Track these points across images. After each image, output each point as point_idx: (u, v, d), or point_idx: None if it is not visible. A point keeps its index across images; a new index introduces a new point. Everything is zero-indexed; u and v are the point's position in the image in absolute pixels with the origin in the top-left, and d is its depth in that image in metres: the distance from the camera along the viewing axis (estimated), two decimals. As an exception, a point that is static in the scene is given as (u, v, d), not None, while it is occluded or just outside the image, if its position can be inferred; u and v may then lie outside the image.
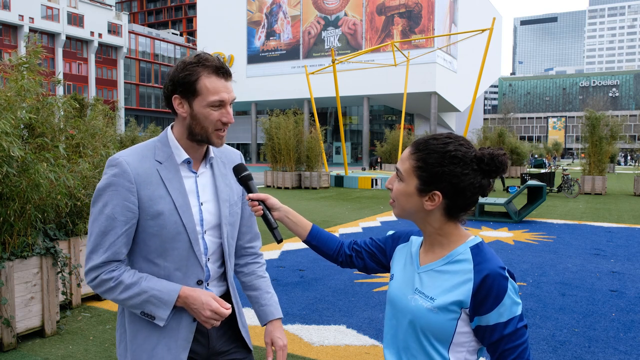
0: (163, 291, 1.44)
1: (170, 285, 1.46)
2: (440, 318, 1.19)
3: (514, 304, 1.15)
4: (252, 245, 1.79)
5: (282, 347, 1.66)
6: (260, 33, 50.79)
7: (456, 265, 1.22)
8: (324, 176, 19.74)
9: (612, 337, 4.01)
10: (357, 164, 50.51)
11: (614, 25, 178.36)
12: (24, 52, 4.33)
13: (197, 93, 1.45)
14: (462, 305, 1.17)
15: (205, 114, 1.47)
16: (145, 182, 1.46)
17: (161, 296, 1.43)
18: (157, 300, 1.43)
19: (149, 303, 1.43)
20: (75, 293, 4.62)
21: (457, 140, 1.22)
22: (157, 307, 1.44)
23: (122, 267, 1.46)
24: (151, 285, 1.44)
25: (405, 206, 1.26)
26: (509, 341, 1.15)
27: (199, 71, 1.45)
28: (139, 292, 1.43)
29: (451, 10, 45.59)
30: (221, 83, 1.47)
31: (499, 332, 1.15)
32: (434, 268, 1.25)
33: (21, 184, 3.48)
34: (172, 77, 1.48)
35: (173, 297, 1.44)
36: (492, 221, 10.62)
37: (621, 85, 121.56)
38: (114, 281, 1.43)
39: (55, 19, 52.75)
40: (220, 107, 1.47)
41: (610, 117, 17.87)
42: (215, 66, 1.46)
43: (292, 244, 7.61)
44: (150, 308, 1.44)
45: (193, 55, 1.49)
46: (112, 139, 5.95)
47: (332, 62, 21.47)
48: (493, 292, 1.15)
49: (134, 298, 1.43)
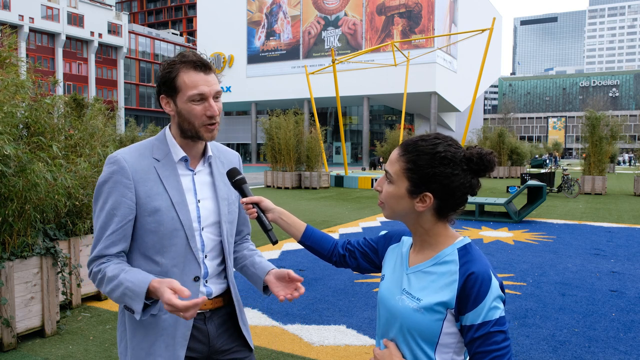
0: (135, 283, 1.40)
1: (143, 277, 1.40)
2: (426, 318, 1.19)
3: (493, 308, 1.14)
4: (242, 236, 1.82)
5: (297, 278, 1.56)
6: (260, 33, 50.78)
7: (443, 266, 1.22)
8: (324, 176, 19.74)
9: (612, 337, 4.01)
10: (357, 164, 50.51)
11: (614, 25, 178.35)
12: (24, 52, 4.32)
13: (178, 89, 1.48)
14: (448, 306, 1.17)
15: (188, 110, 1.48)
16: (142, 179, 1.49)
17: (134, 288, 1.40)
18: (131, 293, 1.40)
19: (125, 296, 1.42)
20: (75, 293, 4.61)
21: (445, 141, 1.22)
22: (132, 299, 1.40)
23: (112, 260, 1.47)
24: (128, 277, 1.42)
25: (395, 208, 1.26)
26: (481, 344, 1.14)
27: (178, 67, 1.47)
28: (117, 284, 1.42)
29: (451, 10, 45.58)
30: (200, 77, 1.47)
31: (472, 333, 1.15)
32: (422, 269, 1.25)
33: (18, 184, 3.47)
34: (157, 77, 1.53)
35: (143, 289, 1.39)
36: (492, 221, 10.62)
37: (621, 85, 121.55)
38: (101, 273, 1.46)
39: (55, 19, 52.74)
40: (202, 100, 1.48)
41: (610, 117, 17.87)
42: (192, 61, 1.48)
43: (291, 244, 7.61)
44: (127, 301, 1.42)
45: (177, 54, 1.52)
46: (111, 139, 5.95)
47: (332, 62, 21.46)
48: (474, 292, 1.15)
49: (114, 291, 1.43)
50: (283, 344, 3.85)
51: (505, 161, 28.61)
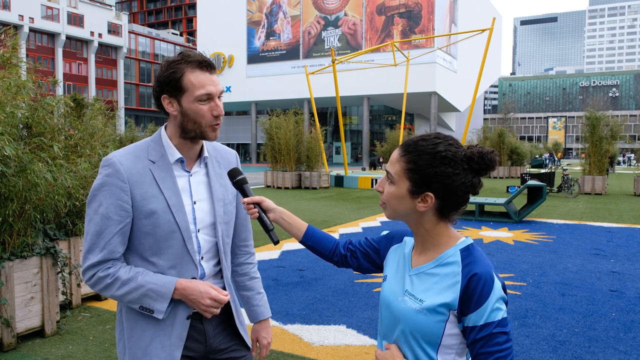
0: (159, 284, 1.46)
1: (166, 278, 1.48)
2: (429, 320, 1.19)
3: (496, 310, 1.14)
4: (246, 244, 1.82)
5: (266, 345, 1.79)
6: (260, 33, 50.79)
7: (446, 267, 1.22)
8: (324, 176, 19.74)
9: (612, 337, 4.01)
10: (357, 164, 50.51)
11: (614, 25, 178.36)
12: (24, 52, 4.32)
13: (184, 89, 1.47)
14: (450, 307, 1.17)
15: (194, 110, 1.48)
16: (138, 181, 1.48)
17: (158, 289, 1.46)
18: (154, 294, 1.45)
19: (146, 297, 1.46)
20: (75, 293, 4.61)
21: (446, 140, 1.21)
22: (155, 300, 1.46)
23: (117, 264, 1.48)
24: (148, 279, 1.46)
25: (397, 208, 1.26)
26: (483, 345, 1.14)
27: (183, 67, 1.46)
28: (136, 286, 1.45)
29: (451, 10, 45.59)
30: (206, 76, 1.48)
31: (474, 334, 1.15)
32: (425, 270, 1.25)
33: (18, 184, 3.47)
34: (158, 77, 1.50)
35: (170, 289, 1.46)
36: (492, 221, 10.62)
37: (621, 85, 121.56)
38: (110, 277, 1.45)
39: (55, 19, 52.75)
40: (209, 100, 1.48)
41: (610, 117, 17.87)
42: (198, 61, 1.47)
43: (292, 244, 7.61)
44: (148, 302, 1.46)
45: (177, 54, 1.50)
46: (111, 139, 5.95)
47: (332, 62, 21.46)
48: (476, 294, 1.15)
49: (131, 293, 1.46)
50: (283, 344, 3.85)
51: (505, 161, 28.62)
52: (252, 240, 1.85)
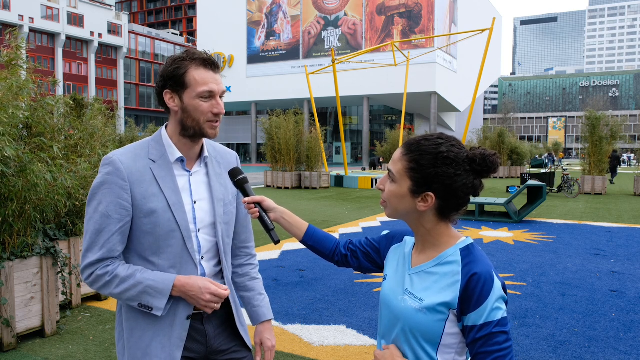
0: (158, 281, 1.46)
1: (165, 275, 1.48)
2: (429, 319, 1.19)
3: (495, 309, 1.14)
4: (247, 245, 1.81)
5: (270, 347, 1.73)
6: (260, 33, 50.79)
7: (446, 267, 1.22)
8: (324, 176, 19.74)
9: (612, 337, 4.01)
10: (357, 164, 50.51)
11: (614, 25, 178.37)
12: (24, 52, 4.31)
13: (187, 85, 1.48)
14: (450, 307, 1.18)
15: (195, 106, 1.49)
16: (138, 180, 1.48)
17: (156, 286, 1.45)
18: (153, 291, 1.45)
19: (145, 294, 1.45)
20: (75, 293, 4.62)
21: (449, 141, 1.22)
22: (154, 297, 1.45)
23: (116, 262, 1.48)
24: (146, 276, 1.46)
25: (397, 207, 1.27)
26: (483, 345, 1.14)
27: (187, 64, 1.48)
28: (134, 283, 1.45)
29: (451, 10, 45.59)
30: (209, 75, 1.49)
31: (474, 333, 1.15)
32: (425, 269, 1.26)
33: (18, 184, 3.47)
34: (162, 73, 1.52)
35: (169, 286, 1.46)
36: (492, 221, 10.62)
37: (621, 85, 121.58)
38: (109, 275, 1.46)
39: (55, 19, 52.75)
40: (210, 98, 1.50)
41: (610, 117, 17.87)
42: (202, 58, 1.49)
43: (292, 244, 7.61)
44: (146, 299, 1.46)
45: (182, 52, 1.52)
46: (111, 139, 5.95)
47: (332, 62, 21.46)
48: (476, 293, 1.15)
49: (130, 290, 1.45)
50: (283, 344, 3.85)
51: (505, 161, 28.64)
52: (253, 242, 1.85)
